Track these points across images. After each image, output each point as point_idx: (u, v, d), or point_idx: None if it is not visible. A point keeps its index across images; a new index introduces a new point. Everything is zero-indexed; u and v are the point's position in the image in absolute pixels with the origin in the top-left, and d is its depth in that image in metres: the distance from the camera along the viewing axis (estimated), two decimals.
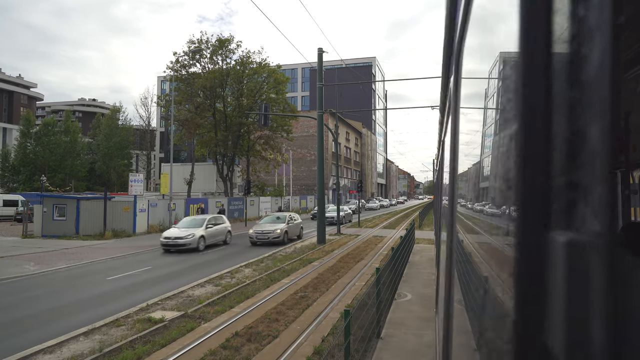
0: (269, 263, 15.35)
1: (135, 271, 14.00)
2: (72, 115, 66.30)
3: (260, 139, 41.19)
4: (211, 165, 48.91)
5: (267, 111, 23.91)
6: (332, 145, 38.44)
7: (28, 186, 49.65)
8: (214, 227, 20.20)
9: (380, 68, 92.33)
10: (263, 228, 21.15)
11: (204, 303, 9.85)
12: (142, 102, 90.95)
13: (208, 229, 19.66)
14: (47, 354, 7.02)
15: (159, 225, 26.38)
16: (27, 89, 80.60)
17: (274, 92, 40.45)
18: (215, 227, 20.34)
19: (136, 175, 30.89)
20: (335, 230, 25.53)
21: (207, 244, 19.37)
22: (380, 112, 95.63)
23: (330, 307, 9.56)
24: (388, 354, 6.70)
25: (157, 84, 76.53)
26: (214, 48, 39.16)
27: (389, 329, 7.87)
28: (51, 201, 24.35)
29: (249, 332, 7.89)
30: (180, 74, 38.93)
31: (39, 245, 20.02)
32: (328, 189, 51.35)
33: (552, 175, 0.44)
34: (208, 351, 6.95)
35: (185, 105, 39.55)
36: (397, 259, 10.25)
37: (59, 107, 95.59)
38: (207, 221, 19.90)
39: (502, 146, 0.65)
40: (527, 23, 0.50)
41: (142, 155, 70.64)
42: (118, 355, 6.90)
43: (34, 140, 54.62)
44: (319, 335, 7.69)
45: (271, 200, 42.62)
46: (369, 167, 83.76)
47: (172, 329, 8.14)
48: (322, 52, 21.74)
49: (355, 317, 6.37)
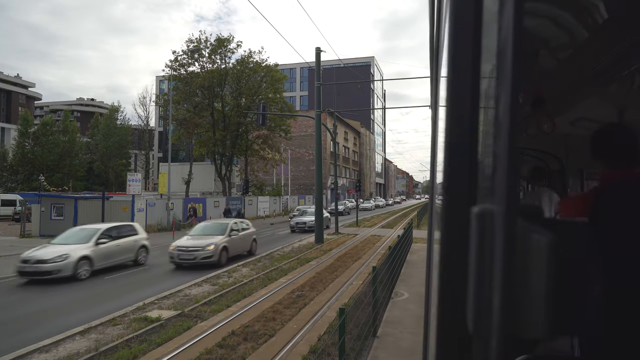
0: (266, 262, 15.35)
1: (132, 270, 13.99)
2: (70, 114, 66.36)
3: (259, 139, 41.19)
4: (209, 165, 48.89)
5: (266, 111, 23.91)
6: (331, 145, 38.45)
7: (26, 186, 49.57)
8: (113, 241, 13.93)
9: (379, 68, 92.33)
10: (189, 243, 14.63)
11: (201, 302, 9.85)
12: (140, 102, 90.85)
13: (102, 245, 13.37)
14: (43, 353, 7.01)
15: (157, 225, 26.38)
16: (25, 88, 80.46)
17: (271, 91, 40.43)
18: (115, 242, 14.00)
19: (134, 174, 30.85)
20: (333, 230, 25.55)
21: (96, 267, 13.04)
22: (378, 112, 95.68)
23: (327, 306, 9.56)
24: (384, 353, 6.70)
25: (156, 84, 76.42)
26: (213, 47, 39.12)
27: (386, 327, 7.87)
28: (49, 201, 24.34)
29: (245, 330, 7.89)
30: (179, 72, 38.88)
31: (36, 244, 19.94)
32: (327, 189, 51.36)
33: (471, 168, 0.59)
34: (204, 350, 6.95)
35: (184, 104, 39.54)
36: (395, 258, 10.25)
37: (57, 107, 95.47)
38: (98, 234, 13.52)
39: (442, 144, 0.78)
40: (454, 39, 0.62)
41: (140, 155, 70.58)
42: (114, 354, 6.89)
43: (32, 140, 54.54)
44: (315, 334, 7.68)
45: (269, 200, 42.62)
46: (367, 167, 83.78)
47: (169, 328, 8.13)
48: (320, 51, 21.74)
49: (351, 316, 6.38)
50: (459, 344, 0.60)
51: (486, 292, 0.51)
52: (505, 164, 0.49)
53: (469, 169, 0.59)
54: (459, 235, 0.58)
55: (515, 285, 0.49)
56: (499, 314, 0.48)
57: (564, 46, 2.51)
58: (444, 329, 0.63)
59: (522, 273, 0.50)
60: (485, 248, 0.52)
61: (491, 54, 0.55)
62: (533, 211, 2.86)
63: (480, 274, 0.52)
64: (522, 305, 0.50)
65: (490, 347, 0.49)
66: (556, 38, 2.44)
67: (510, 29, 0.49)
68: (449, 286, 0.62)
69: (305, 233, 24.92)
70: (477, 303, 0.53)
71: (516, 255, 0.49)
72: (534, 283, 0.50)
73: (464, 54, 0.60)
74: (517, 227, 0.49)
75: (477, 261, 0.53)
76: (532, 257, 0.51)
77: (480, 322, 0.52)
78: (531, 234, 0.51)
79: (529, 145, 4.80)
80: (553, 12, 2.15)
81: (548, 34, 2.35)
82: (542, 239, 0.51)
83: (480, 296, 0.52)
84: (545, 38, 2.38)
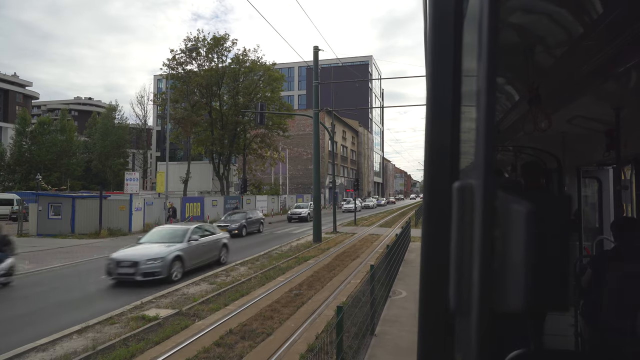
0: (264, 261, 15.34)
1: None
2: (68, 114, 66.17)
3: (257, 138, 41.16)
4: (207, 164, 48.80)
5: (263, 110, 23.89)
6: (329, 144, 38.43)
7: (24, 185, 49.51)
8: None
9: (377, 67, 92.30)
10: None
11: (199, 301, 9.84)
12: (138, 101, 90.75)
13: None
14: (40, 352, 7.00)
15: (154, 224, 26.33)
16: (22, 87, 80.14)
17: (269, 90, 40.37)
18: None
19: (132, 173, 30.80)
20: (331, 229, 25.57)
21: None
22: (377, 111, 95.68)
23: (325, 304, 9.56)
24: (382, 351, 6.70)
25: (154, 83, 76.28)
26: (210, 46, 39.04)
27: (383, 326, 7.87)
28: (46, 200, 24.28)
29: (243, 329, 7.89)
30: (176, 71, 38.80)
31: (34, 243, 19.94)
32: (324, 188, 51.37)
33: (453, 147, 0.64)
34: (202, 349, 6.94)
35: (182, 103, 39.43)
36: (392, 257, 10.26)
37: (54, 106, 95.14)
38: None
39: None
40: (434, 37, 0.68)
41: (138, 154, 70.48)
42: (111, 353, 6.88)
43: (29, 139, 54.46)
44: (313, 332, 7.68)
45: (268, 199, 42.60)
46: (365, 166, 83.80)
47: (166, 327, 8.12)
48: (318, 50, 21.72)
49: (349, 314, 6.38)
50: (441, 321, 0.63)
51: (466, 265, 0.53)
52: (482, 143, 0.52)
53: (450, 149, 0.63)
54: (442, 210, 0.60)
55: (494, 257, 0.51)
56: (478, 286, 0.50)
57: (532, 43, 2.59)
58: (427, 306, 0.65)
59: (500, 244, 0.52)
60: (466, 220, 0.54)
61: (470, 49, 0.59)
62: (510, 185, 2.89)
63: (461, 247, 0.55)
64: (501, 278, 0.51)
65: (471, 322, 0.51)
66: (527, 35, 2.50)
67: (486, 27, 0.53)
68: (432, 262, 0.64)
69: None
70: (458, 277, 0.55)
71: (494, 226, 0.51)
72: (512, 254, 0.51)
73: (445, 50, 0.65)
74: (495, 199, 0.52)
75: (457, 233, 0.56)
76: (510, 228, 0.52)
77: (461, 296, 0.54)
78: (509, 205, 0.53)
79: None
80: (527, 10, 2.19)
81: (522, 33, 2.43)
82: (519, 210, 0.52)
83: (460, 271, 0.54)
84: (520, 37, 2.47)
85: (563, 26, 2.41)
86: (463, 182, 0.56)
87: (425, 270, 0.65)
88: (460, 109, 0.64)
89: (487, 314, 0.50)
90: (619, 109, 3.72)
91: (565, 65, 2.94)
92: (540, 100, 2.90)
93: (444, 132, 0.64)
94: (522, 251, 0.51)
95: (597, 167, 5.50)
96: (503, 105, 4.34)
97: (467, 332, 0.52)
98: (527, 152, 5.37)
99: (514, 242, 0.51)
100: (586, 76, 2.98)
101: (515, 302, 0.51)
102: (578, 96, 3.51)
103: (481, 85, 0.53)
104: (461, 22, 0.64)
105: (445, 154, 0.64)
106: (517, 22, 2.40)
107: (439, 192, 0.62)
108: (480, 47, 0.53)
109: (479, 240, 0.51)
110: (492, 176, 0.52)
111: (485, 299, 0.50)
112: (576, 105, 3.74)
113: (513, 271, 0.51)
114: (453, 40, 0.64)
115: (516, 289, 0.51)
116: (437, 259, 0.62)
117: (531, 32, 2.56)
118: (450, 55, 0.64)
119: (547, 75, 3.04)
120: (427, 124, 0.67)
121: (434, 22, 0.66)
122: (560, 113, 3.89)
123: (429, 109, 0.67)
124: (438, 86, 0.66)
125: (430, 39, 0.67)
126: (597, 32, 2.29)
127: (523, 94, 3.18)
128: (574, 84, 3.21)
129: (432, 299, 0.64)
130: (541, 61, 2.83)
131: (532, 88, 2.86)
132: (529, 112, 3.05)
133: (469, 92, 0.60)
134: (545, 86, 2.96)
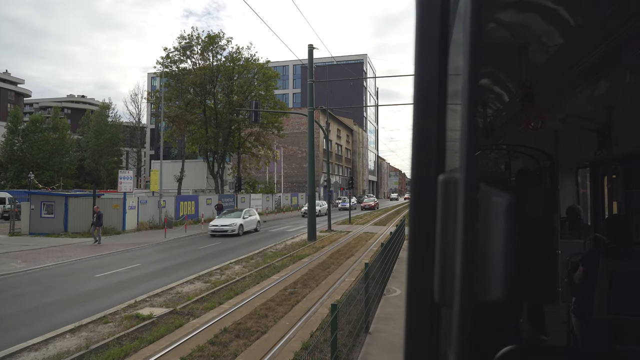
0: (259, 260, 15.33)
1: (123, 268, 13.89)
2: (60, 111, 65.61)
3: (251, 136, 41.01)
4: (202, 162, 48.63)
5: (258, 108, 23.82)
6: (323, 143, 38.40)
7: (16, 183, 49.08)
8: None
9: (371, 65, 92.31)
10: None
11: (193, 299, 9.81)
12: (132, 99, 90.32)
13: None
14: (33, 352, 6.95)
15: (149, 223, 26.22)
16: (14, 84, 79.50)
17: (263, 88, 40.24)
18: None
19: (126, 172, 30.59)
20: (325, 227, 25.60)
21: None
22: (371, 109, 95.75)
23: (320, 302, 9.57)
24: (376, 349, 6.72)
25: (148, 81, 75.77)
26: (204, 44, 38.84)
27: (378, 324, 7.89)
28: (39, 198, 24.06)
29: (237, 328, 7.88)
30: (170, 69, 38.58)
31: (26, 242, 19.78)
32: (319, 186, 51.36)
33: (438, 143, 0.67)
34: (196, 347, 6.93)
35: (176, 102, 39.19)
36: (387, 255, 10.28)
37: (47, 104, 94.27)
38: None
39: None
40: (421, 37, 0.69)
41: (132, 152, 70.04)
42: (105, 352, 6.85)
43: (21, 137, 53.92)
44: (307, 330, 7.69)
45: (262, 197, 42.53)
46: (360, 164, 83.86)
47: (160, 326, 8.10)
48: (313, 48, 21.69)
49: (343, 312, 6.39)
50: (427, 313, 0.65)
51: (450, 256, 0.55)
52: (466, 137, 0.55)
53: (436, 144, 0.66)
54: (428, 202, 0.62)
55: (475, 247, 0.53)
56: (460, 277, 0.52)
57: (515, 42, 2.64)
58: (412, 297, 0.67)
59: (481, 235, 0.53)
60: (450, 211, 0.57)
61: (457, 47, 0.61)
62: (493, 178, 2.93)
63: (445, 238, 0.57)
64: (482, 268, 0.53)
65: (454, 313, 0.52)
66: (511, 35, 2.54)
67: (468, 25, 0.55)
68: (418, 254, 0.66)
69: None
70: (442, 268, 0.56)
71: (475, 217, 0.53)
72: (492, 245, 0.53)
73: (431, 47, 0.68)
74: (477, 191, 0.54)
75: (442, 224, 0.58)
76: (491, 219, 0.54)
77: (444, 288, 0.56)
78: (490, 196, 0.55)
79: None
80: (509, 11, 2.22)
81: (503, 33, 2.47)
82: (500, 201, 0.54)
83: (444, 262, 0.56)
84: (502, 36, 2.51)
85: (556, 25, 2.43)
86: (447, 175, 0.59)
87: (412, 261, 0.67)
88: (446, 106, 0.66)
89: (469, 304, 0.52)
90: (611, 108, 3.75)
91: (559, 64, 2.96)
92: (533, 99, 2.91)
93: (430, 128, 0.67)
94: (502, 242, 0.53)
95: (590, 164, 5.56)
96: (496, 104, 4.36)
97: (450, 323, 0.54)
98: (520, 150, 5.40)
99: (494, 233, 0.53)
100: (579, 75, 3.00)
101: (495, 292, 0.53)
102: (571, 95, 3.54)
103: (464, 82, 0.55)
104: (447, 19, 0.67)
105: (432, 148, 0.66)
106: (511, 21, 2.42)
107: (425, 185, 0.65)
108: (463, 44, 0.55)
109: (461, 231, 0.53)
110: (474, 169, 0.53)
111: (467, 289, 0.52)
112: (569, 104, 3.77)
113: (493, 261, 0.53)
114: (439, 38, 0.67)
115: (496, 279, 0.53)
116: (422, 250, 0.64)
117: (525, 32, 2.58)
118: (436, 52, 0.67)
119: (540, 74, 3.06)
120: (414, 120, 0.70)
121: (421, 20, 0.68)
122: (554, 112, 3.92)
123: (416, 106, 0.70)
124: (424, 84, 0.68)
125: (417, 36, 0.69)
126: (590, 32, 2.31)
127: (517, 92, 3.20)
128: (567, 82, 3.24)
129: (418, 291, 0.65)
130: (535, 60, 2.85)
131: (526, 87, 2.88)
132: (522, 110, 3.07)
133: (455, 90, 0.62)
134: (538, 85, 2.98)
